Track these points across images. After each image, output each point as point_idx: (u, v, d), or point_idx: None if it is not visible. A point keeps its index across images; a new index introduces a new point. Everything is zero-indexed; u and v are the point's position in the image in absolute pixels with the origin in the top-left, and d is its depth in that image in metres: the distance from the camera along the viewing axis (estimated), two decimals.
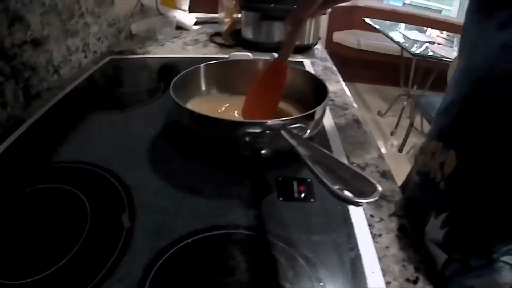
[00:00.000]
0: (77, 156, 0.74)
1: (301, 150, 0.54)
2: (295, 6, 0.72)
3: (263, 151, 0.69)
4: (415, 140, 3.73)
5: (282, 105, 0.87)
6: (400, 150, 3.65)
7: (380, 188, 0.42)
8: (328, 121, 0.93)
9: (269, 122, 0.64)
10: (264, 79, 0.83)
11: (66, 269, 0.51)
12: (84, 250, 0.54)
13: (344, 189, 0.42)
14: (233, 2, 1.54)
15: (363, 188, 0.42)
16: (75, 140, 0.80)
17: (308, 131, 0.70)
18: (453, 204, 0.57)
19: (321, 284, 0.51)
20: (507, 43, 0.49)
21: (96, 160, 0.72)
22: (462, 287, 0.53)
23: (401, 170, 0.77)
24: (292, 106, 0.87)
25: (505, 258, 0.48)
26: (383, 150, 3.72)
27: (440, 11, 5.51)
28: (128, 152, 0.77)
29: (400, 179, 0.75)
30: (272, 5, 1.37)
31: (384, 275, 0.54)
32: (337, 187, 0.42)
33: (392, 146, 3.79)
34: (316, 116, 0.71)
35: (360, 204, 0.42)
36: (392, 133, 3.99)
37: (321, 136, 0.85)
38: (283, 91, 0.82)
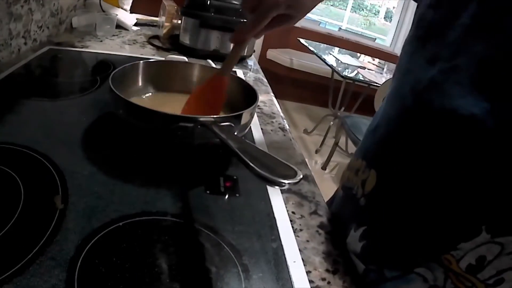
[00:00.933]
0: (10, 138, 0.74)
1: (231, 143, 0.58)
2: (241, 20, 0.75)
3: (191, 147, 0.73)
4: (339, 159, 3.87)
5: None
6: (323, 168, 3.76)
7: (300, 173, 0.47)
8: (255, 127, 0.98)
9: (201, 118, 0.68)
10: (205, 90, 0.84)
11: None
12: (17, 228, 0.55)
13: (269, 174, 0.47)
14: (175, 8, 1.57)
15: (285, 173, 0.47)
16: (10, 122, 0.80)
17: (236, 131, 0.74)
18: (371, 220, 0.61)
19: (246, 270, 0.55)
20: (434, 77, 0.53)
21: (30, 143, 0.73)
22: None
23: (323, 187, 0.82)
24: (223, 110, 0.90)
25: (418, 270, 0.52)
26: None
27: (374, 39, 5.73)
28: (62, 138, 0.78)
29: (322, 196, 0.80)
30: (213, 14, 1.42)
31: (305, 264, 0.59)
32: (263, 172, 0.47)
33: (316, 164, 3.90)
34: (244, 118, 0.76)
35: (283, 184, 0.47)
36: (316, 151, 4.10)
37: (249, 140, 0.90)
38: (223, 103, 0.84)
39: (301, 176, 0.47)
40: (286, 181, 0.46)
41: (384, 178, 0.59)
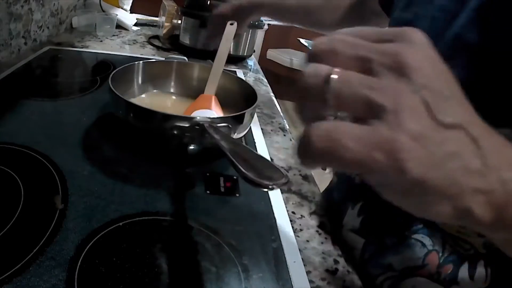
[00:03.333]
0: (10, 138, 0.74)
1: (223, 144, 0.58)
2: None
3: (190, 147, 0.73)
4: None
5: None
6: (324, 168, 3.74)
7: (288, 176, 0.47)
8: (255, 127, 0.98)
9: (198, 118, 0.68)
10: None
11: None
12: (17, 228, 0.55)
13: (257, 176, 0.47)
14: (175, 7, 1.56)
15: (273, 175, 0.47)
16: (10, 122, 0.80)
17: (235, 132, 0.75)
18: (367, 194, 0.64)
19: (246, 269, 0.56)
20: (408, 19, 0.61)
21: (30, 143, 0.73)
22: (381, 265, 0.60)
23: (323, 187, 0.83)
24: (223, 109, 0.91)
25: (416, 236, 0.56)
26: None
27: None
28: (62, 138, 0.78)
29: None
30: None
31: (305, 265, 0.59)
32: (250, 174, 0.47)
33: None
34: (244, 119, 0.76)
35: (269, 186, 0.46)
36: None
37: (249, 140, 0.90)
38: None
39: (287, 180, 0.47)
40: (271, 184, 0.46)
41: None
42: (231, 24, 0.98)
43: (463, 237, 0.52)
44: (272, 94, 1.29)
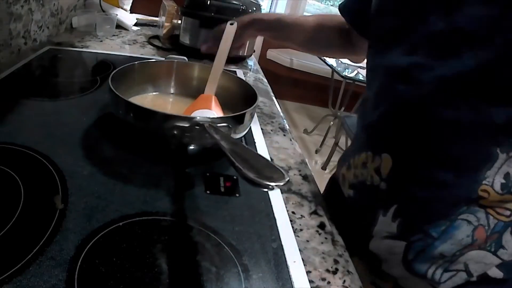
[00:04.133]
0: (10, 138, 0.74)
1: (223, 143, 0.58)
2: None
3: (190, 147, 0.73)
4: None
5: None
6: (324, 168, 3.76)
7: (287, 176, 0.47)
8: (255, 127, 0.98)
9: (198, 118, 0.68)
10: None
11: None
12: (17, 228, 0.55)
13: (257, 176, 0.47)
14: (175, 8, 1.56)
15: (272, 175, 0.47)
16: (10, 122, 0.80)
17: (235, 132, 0.75)
18: (399, 197, 0.65)
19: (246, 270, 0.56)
20: (415, 61, 0.61)
21: (30, 143, 0.73)
22: (431, 258, 0.62)
23: (323, 187, 0.84)
24: (223, 109, 0.90)
25: (462, 216, 0.59)
26: None
27: None
28: (62, 138, 0.78)
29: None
30: (213, 14, 1.41)
31: (305, 265, 0.59)
32: (250, 174, 0.47)
33: (316, 164, 3.89)
34: (244, 119, 0.76)
35: (269, 186, 0.46)
36: (317, 151, 4.09)
37: (249, 140, 0.90)
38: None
39: (287, 179, 0.47)
40: (271, 184, 0.46)
41: (399, 155, 0.64)
42: (231, 24, 0.98)
43: (503, 206, 0.57)
44: (272, 94, 1.29)
